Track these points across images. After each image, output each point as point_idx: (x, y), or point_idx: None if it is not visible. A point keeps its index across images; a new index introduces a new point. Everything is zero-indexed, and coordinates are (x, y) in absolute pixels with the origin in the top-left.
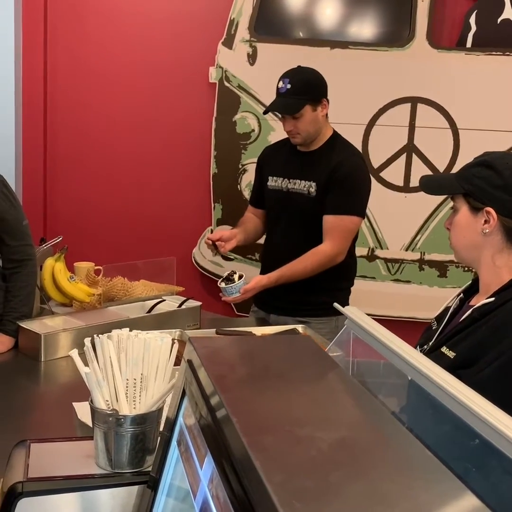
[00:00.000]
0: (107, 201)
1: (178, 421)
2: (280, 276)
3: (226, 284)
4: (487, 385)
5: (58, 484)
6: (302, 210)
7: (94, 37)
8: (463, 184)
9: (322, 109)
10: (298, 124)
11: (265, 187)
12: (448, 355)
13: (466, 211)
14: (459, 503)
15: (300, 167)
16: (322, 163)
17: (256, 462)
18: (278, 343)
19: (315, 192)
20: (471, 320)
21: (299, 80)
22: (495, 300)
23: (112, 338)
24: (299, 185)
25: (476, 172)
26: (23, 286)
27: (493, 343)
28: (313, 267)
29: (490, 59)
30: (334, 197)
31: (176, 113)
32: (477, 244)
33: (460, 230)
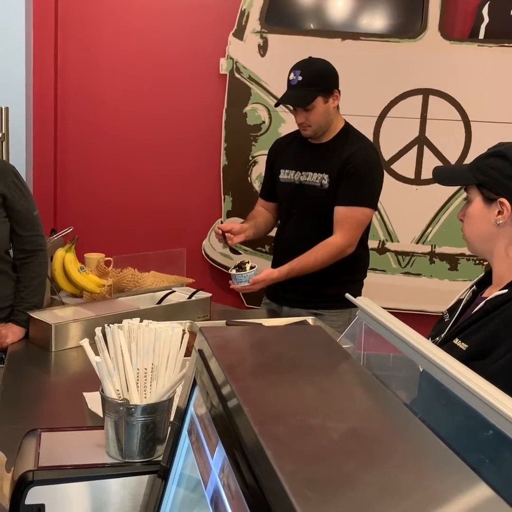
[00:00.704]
0: (118, 193)
1: (189, 411)
2: (290, 269)
3: (237, 271)
4: (500, 377)
5: (68, 473)
6: (315, 202)
7: (104, 28)
8: (477, 174)
9: (333, 100)
10: (310, 116)
11: (277, 180)
12: (460, 347)
13: (479, 202)
14: (473, 493)
15: (312, 159)
16: (335, 155)
17: (268, 452)
18: (290, 333)
19: (328, 184)
20: (484, 312)
21: (310, 71)
22: (508, 291)
23: (123, 328)
24: (312, 177)
25: (490, 163)
26: (34, 276)
27: (506, 334)
28: (324, 260)
29: (502, 51)
30: (346, 189)
31: (186, 104)
32: (491, 235)
33: (473, 221)
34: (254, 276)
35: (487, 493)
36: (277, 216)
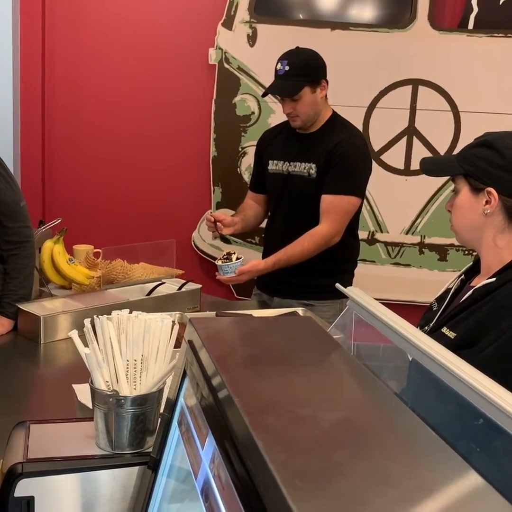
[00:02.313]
0: (107, 184)
1: (179, 402)
2: (277, 260)
3: (223, 262)
4: (488, 365)
5: (58, 465)
6: (303, 192)
7: (92, 21)
8: (464, 165)
9: (321, 90)
10: (297, 107)
11: (266, 171)
12: (448, 336)
13: (467, 192)
14: (463, 482)
15: (299, 149)
16: (322, 145)
17: (258, 442)
18: (280, 324)
19: (315, 173)
20: (472, 301)
21: (298, 61)
22: (496, 280)
23: (112, 319)
24: (299, 167)
25: (477, 153)
26: (21, 268)
27: (493, 323)
28: (310, 250)
29: (492, 41)
30: (332, 177)
31: (175, 95)
32: (479, 225)
33: (461, 211)
34: (240, 267)
35: (477, 481)
36: (267, 208)
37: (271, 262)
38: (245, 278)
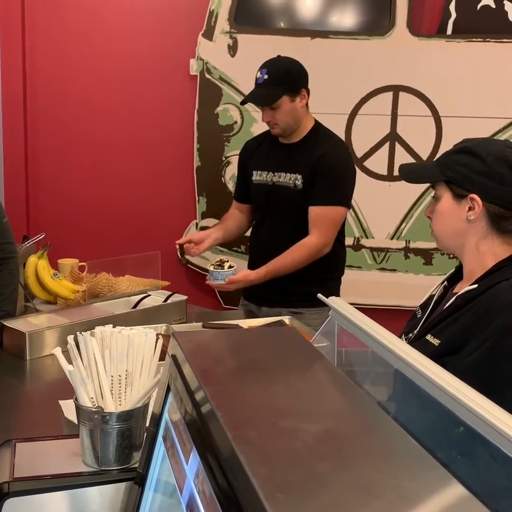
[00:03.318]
0: (90, 197)
1: (164, 417)
2: (268, 271)
3: (215, 268)
4: (473, 371)
5: (44, 483)
6: (289, 203)
7: (74, 28)
8: (445, 171)
9: (301, 99)
10: (276, 115)
11: (250, 182)
12: (433, 343)
13: (449, 198)
14: (445, 491)
15: (283, 159)
16: (306, 155)
17: (240, 456)
18: (263, 336)
19: (302, 184)
20: (455, 307)
21: (277, 70)
22: (478, 286)
23: (95, 335)
24: (284, 177)
25: (458, 159)
26: (5, 284)
27: (477, 329)
28: (301, 260)
29: (470, 46)
30: (319, 189)
31: (157, 106)
32: (461, 231)
33: (442, 218)
34: (231, 276)
35: (459, 490)
36: (251, 217)
37: (262, 273)
38: (233, 287)
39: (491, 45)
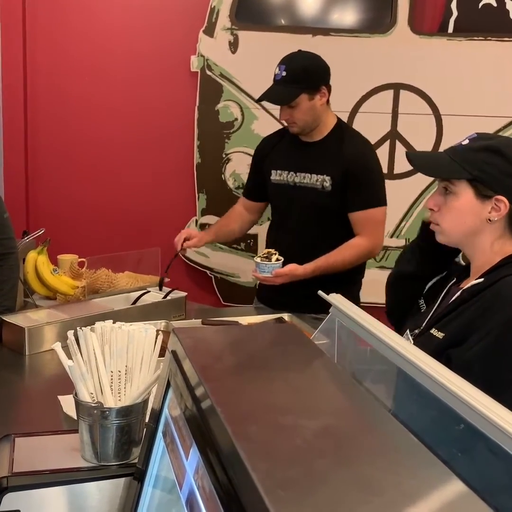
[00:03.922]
0: (90, 193)
1: (163, 412)
2: (316, 268)
3: (262, 260)
4: (474, 364)
5: (43, 478)
6: (316, 205)
7: (75, 26)
8: (471, 169)
9: (320, 97)
10: (294, 114)
11: (268, 181)
12: (437, 336)
13: (470, 196)
14: (445, 488)
15: (306, 159)
16: (333, 155)
17: (241, 452)
18: (263, 332)
19: (330, 186)
20: (460, 301)
21: (295, 67)
22: (484, 280)
23: (95, 331)
24: (310, 179)
25: (485, 158)
26: (5, 280)
27: (481, 322)
28: (351, 260)
29: (471, 44)
30: (359, 193)
31: (158, 103)
32: (476, 229)
33: (460, 215)
34: (278, 269)
35: (459, 487)
36: (258, 216)
37: (311, 269)
38: (280, 281)
39: (492, 43)
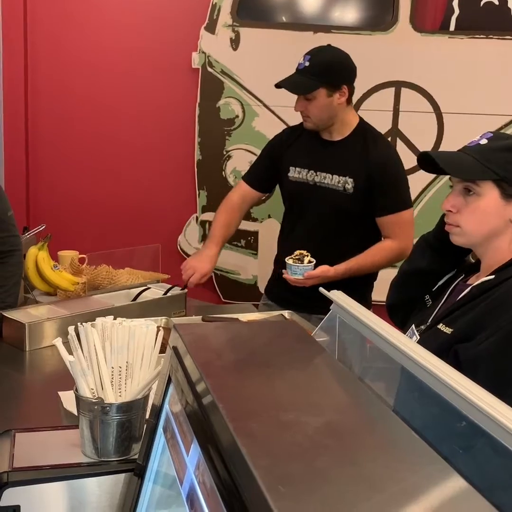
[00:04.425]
0: (91, 190)
1: (164, 408)
2: (347, 269)
3: (294, 262)
4: (483, 360)
5: (43, 473)
6: (337, 207)
7: (76, 22)
8: (497, 169)
9: (340, 96)
10: (309, 107)
11: (284, 177)
12: (445, 331)
13: (496, 197)
14: (446, 484)
15: (328, 158)
16: (357, 157)
17: (242, 448)
18: (264, 329)
19: (352, 189)
20: (470, 297)
21: (320, 60)
22: (495, 277)
23: (96, 326)
24: (331, 179)
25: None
26: (9, 276)
27: (491, 319)
28: (381, 263)
29: (473, 43)
30: (388, 197)
31: (159, 99)
32: (498, 230)
33: (485, 216)
34: (310, 271)
35: (460, 483)
36: (249, 208)
37: (342, 270)
38: (311, 283)
39: (494, 41)
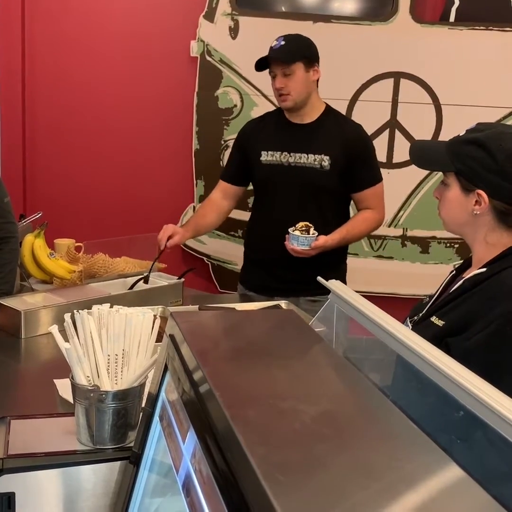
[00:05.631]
0: (88, 178)
1: (160, 397)
2: (342, 238)
3: (301, 234)
4: (474, 353)
5: (39, 461)
6: (314, 184)
7: (74, 10)
8: (455, 162)
9: (313, 73)
10: (289, 82)
11: (257, 163)
12: (437, 324)
13: (457, 189)
14: (444, 474)
15: (301, 140)
16: (333, 137)
17: (239, 436)
18: (262, 317)
19: (329, 166)
20: (462, 290)
21: (294, 39)
22: (487, 270)
23: (92, 314)
24: (307, 158)
25: (469, 152)
26: (5, 263)
27: (482, 312)
28: (367, 231)
29: (473, 34)
30: (365, 172)
31: (157, 88)
32: (468, 222)
33: (450, 206)
34: (315, 241)
35: (456, 472)
36: (235, 203)
37: (337, 240)
38: (314, 253)
39: (493, 33)
